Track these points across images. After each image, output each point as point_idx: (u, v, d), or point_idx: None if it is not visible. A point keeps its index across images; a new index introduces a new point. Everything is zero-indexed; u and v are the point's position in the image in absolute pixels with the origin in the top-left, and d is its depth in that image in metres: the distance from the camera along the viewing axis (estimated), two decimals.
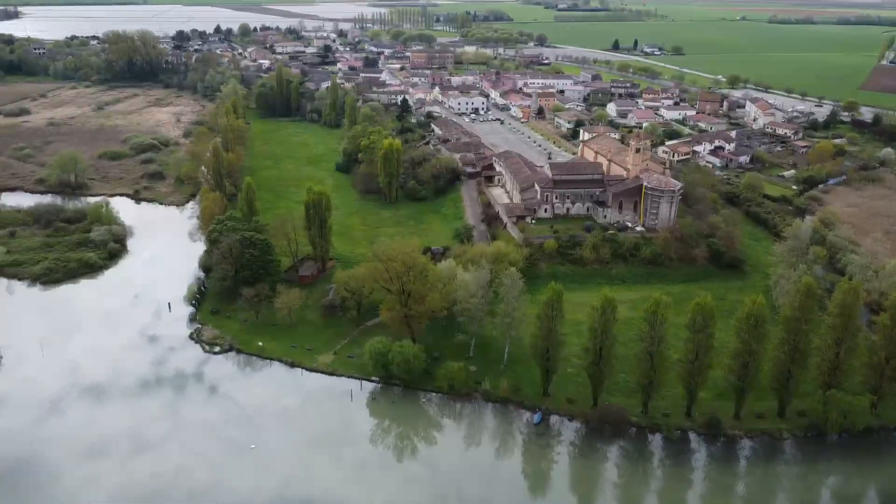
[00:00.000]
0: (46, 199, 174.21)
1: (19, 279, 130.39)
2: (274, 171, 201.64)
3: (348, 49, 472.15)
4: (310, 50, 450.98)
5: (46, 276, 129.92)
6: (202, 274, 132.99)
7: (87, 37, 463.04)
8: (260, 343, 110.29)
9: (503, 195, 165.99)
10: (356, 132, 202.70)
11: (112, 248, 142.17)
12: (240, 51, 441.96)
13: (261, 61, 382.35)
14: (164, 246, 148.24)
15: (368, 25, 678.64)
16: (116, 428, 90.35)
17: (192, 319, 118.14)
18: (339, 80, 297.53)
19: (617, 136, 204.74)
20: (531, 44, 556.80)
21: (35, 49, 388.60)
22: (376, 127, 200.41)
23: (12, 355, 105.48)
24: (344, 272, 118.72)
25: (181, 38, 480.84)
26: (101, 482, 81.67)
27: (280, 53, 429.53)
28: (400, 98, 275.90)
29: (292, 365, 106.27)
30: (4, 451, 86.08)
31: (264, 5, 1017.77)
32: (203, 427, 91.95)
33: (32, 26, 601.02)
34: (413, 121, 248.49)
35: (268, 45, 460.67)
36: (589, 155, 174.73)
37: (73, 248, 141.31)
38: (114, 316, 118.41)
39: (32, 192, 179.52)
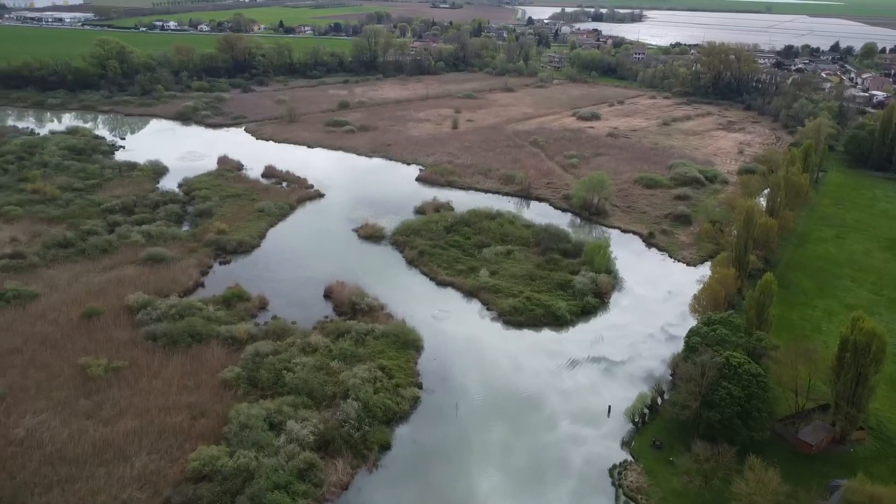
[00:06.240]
0: (565, 217, 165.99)
1: (488, 308, 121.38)
2: (831, 248, 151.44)
3: None
4: None
5: (510, 315, 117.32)
6: (669, 377, 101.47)
7: (689, 45, 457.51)
8: None
9: None
10: None
11: (588, 302, 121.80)
12: (852, 75, 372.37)
13: (874, 93, 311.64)
14: (647, 317, 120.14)
15: None
16: None
17: (626, 443, 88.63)
18: None
19: None
20: None
21: (636, 54, 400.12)
22: None
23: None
24: (864, 488, 70.91)
25: (787, 55, 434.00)
26: None
27: None
28: None
29: None
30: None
31: None
32: None
33: (647, 30, 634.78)
34: None
35: (892, 73, 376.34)
36: None
37: (552, 288, 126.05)
38: (546, 395, 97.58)
39: (555, 206, 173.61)
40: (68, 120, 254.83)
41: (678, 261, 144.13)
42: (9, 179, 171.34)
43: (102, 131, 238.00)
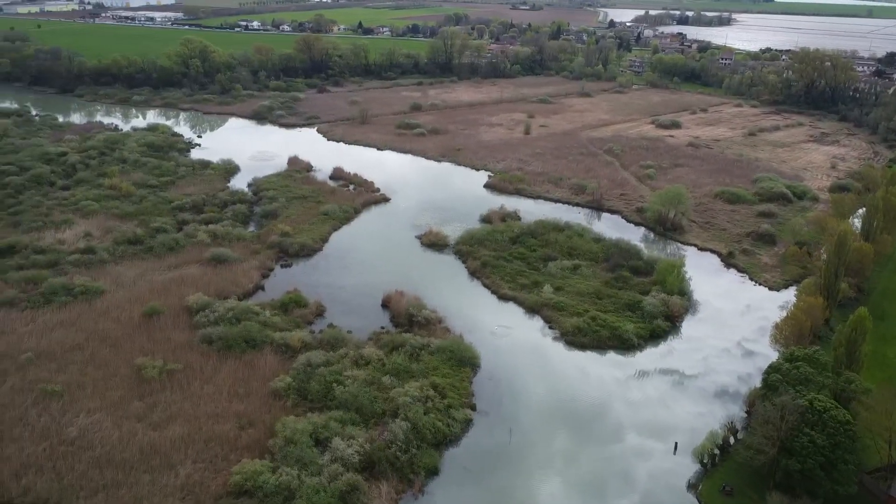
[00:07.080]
0: (638, 232, 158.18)
1: (550, 327, 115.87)
2: None
3: None
4: None
5: (573, 335, 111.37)
6: (744, 415, 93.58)
7: (780, 50, 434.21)
8: None
9: None
10: None
11: (658, 325, 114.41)
12: None
13: None
14: (724, 342, 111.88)
15: None
16: None
17: (692, 486, 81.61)
18: None
19: None
20: None
21: (722, 60, 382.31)
22: None
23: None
24: None
25: (889, 62, 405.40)
26: None
27: None
28: None
29: None
30: None
31: None
32: None
33: (736, 35, 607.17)
34: None
35: None
36: None
37: (620, 309, 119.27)
38: (611, 410, 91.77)
39: (628, 220, 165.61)
40: (152, 117, 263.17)
41: (759, 284, 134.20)
42: (89, 174, 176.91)
43: (183, 128, 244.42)
